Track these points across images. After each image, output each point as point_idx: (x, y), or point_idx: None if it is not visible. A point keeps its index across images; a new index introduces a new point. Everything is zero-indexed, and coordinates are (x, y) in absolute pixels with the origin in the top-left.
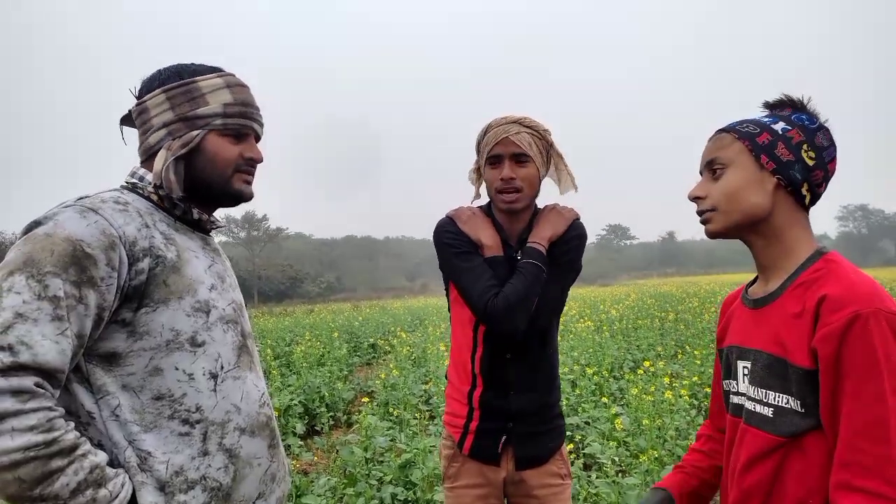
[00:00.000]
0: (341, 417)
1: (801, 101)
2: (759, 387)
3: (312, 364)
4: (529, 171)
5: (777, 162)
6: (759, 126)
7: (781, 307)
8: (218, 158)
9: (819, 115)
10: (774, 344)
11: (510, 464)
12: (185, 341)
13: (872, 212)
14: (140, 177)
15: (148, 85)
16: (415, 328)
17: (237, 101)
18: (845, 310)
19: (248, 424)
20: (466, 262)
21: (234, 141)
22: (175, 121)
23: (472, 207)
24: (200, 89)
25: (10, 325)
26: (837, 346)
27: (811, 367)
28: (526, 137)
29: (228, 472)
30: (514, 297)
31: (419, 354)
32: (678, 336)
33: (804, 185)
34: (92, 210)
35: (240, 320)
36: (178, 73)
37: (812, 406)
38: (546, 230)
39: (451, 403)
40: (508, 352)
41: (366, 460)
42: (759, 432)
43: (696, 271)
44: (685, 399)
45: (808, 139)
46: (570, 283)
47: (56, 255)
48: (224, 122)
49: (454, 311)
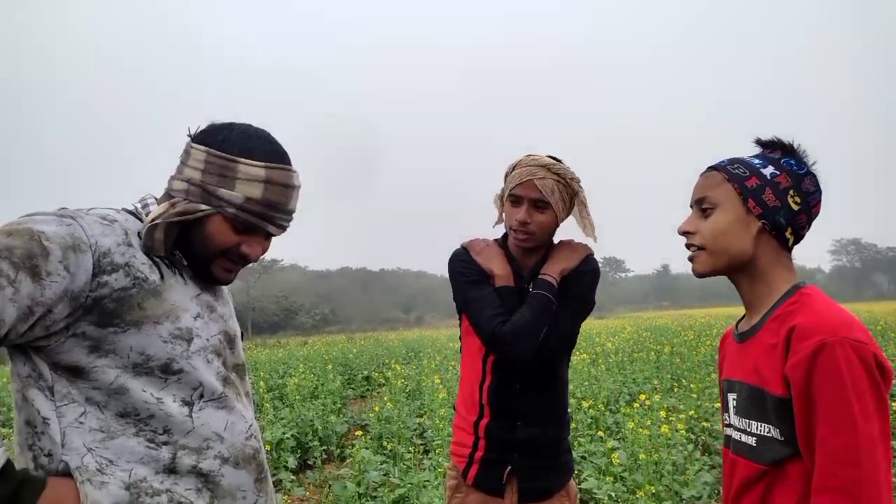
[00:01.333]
0: (334, 451)
1: (792, 145)
2: (743, 416)
3: (305, 397)
4: (547, 218)
5: (763, 207)
6: (748, 169)
7: (760, 340)
8: (211, 241)
9: (808, 160)
10: (754, 374)
11: (514, 496)
12: (156, 367)
13: (865, 246)
14: (145, 203)
15: (204, 135)
16: (410, 360)
17: (263, 201)
18: (812, 338)
19: (231, 455)
20: (477, 291)
21: (238, 231)
22: (198, 184)
23: (486, 239)
24: (237, 172)
25: None
26: (806, 372)
27: (785, 394)
28: (549, 184)
29: (202, 496)
30: (521, 325)
31: (414, 387)
32: (674, 369)
33: (788, 229)
34: (70, 217)
35: (224, 352)
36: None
37: (790, 434)
38: (559, 264)
39: (457, 433)
40: (517, 382)
41: (359, 495)
42: (745, 461)
43: (691, 304)
44: (682, 433)
45: (794, 185)
46: (581, 317)
47: (12, 237)
48: (235, 214)
49: (465, 343)
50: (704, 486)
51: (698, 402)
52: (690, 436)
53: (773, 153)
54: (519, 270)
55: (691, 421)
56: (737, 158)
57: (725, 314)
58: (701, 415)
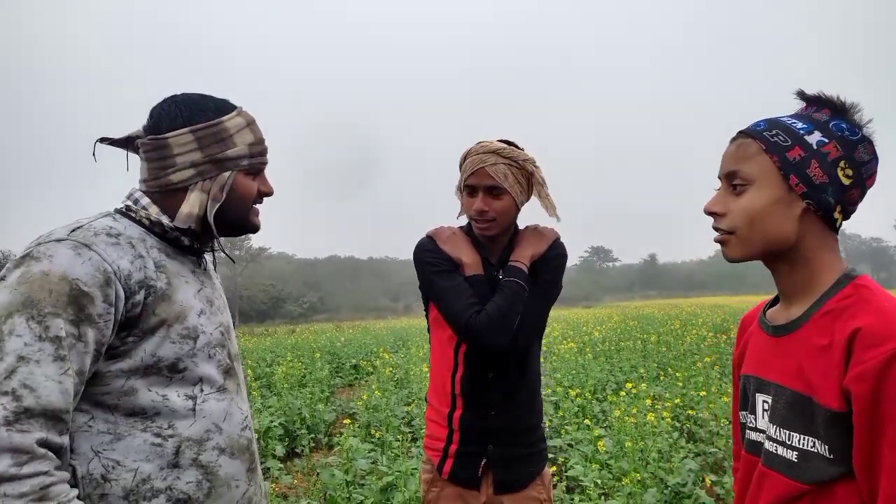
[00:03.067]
0: (322, 439)
1: (844, 103)
2: (781, 426)
3: (293, 385)
4: (504, 204)
5: (809, 185)
6: (790, 136)
7: (806, 337)
8: (244, 197)
9: (862, 122)
10: (798, 379)
11: (490, 488)
12: (164, 367)
13: (849, 236)
14: (136, 199)
15: (168, 121)
16: (398, 349)
17: (258, 140)
18: (884, 346)
19: (228, 445)
20: (447, 281)
21: (253, 177)
22: (205, 161)
23: (452, 227)
24: (228, 130)
25: (14, 369)
26: (875, 386)
27: (842, 408)
28: (502, 169)
29: (201, 488)
30: (496, 314)
31: (402, 376)
32: (660, 358)
33: (837, 208)
34: (85, 246)
35: (227, 343)
36: (199, 109)
37: (841, 451)
38: (527, 249)
39: (430, 426)
40: (490, 371)
41: (346, 483)
42: (780, 477)
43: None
44: (667, 421)
45: (846, 154)
46: (551, 302)
47: (54, 294)
48: (250, 163)
49: (434, 332)
50: (689, 473)
51: (684, 390)
52: (676, 424)
53: (820, 113)
54: (487, 257)
55: (677, 409)
56: (776, 121)
57: (711, 303)
58: (686, 403)
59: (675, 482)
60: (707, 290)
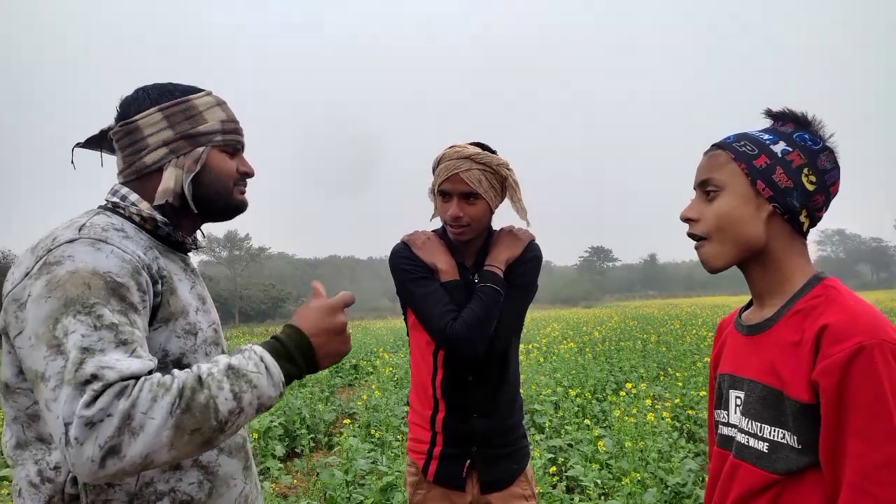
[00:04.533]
0: (322, 439)
1: (806, 116)
2: (753, 419)
3: (293, 385)
4: (479, 209)
5: (774, 188)
6: (757, 146)
7: (777, 335)
8: (222, 174)
9: (824, 133)
10: (769, 374)
11: (475, 488)
12: (171, 362)
13: (850, 236)
14: (123, 196)
15: (136, 105)
16: (397, 349)
17: (230, 118)
18: (849, 341)
19: (226, 444)
20: (423, 288)
21: (230, 156)
22: (177, 138)
23: (426, 232)
24: (197, 107)
25: (82, 360)
26: (840, 378)
27: (810, 400)
28: (476, 175)
29: (203, 488)
30: (472, 321)
31: (402, 375)
32: (660, 358)
33: (803, 212)
34: (101, 241)
35: (220, 341)
36: (167, 91)
37: (809, 442)
38: (502, 253)
39: (414, 429)
40: (469, 374)
41: (346, 483)
42: (751, 468)
43: (677, 293)
44: (667, 421)
45: (809, 162)
46: (527, 303)
47: (94, 288)
48: (224, 139)
49: (412, 336)
50: (689, 473)
51: (684, 390)
52: (676, 424)
53: (785, 126)
54: (462, 261)
55: (677, 409)
56: (744, 134)
57: (711, 303)
58: (686, 403)
59: (675, 482)
60: (707, 290)
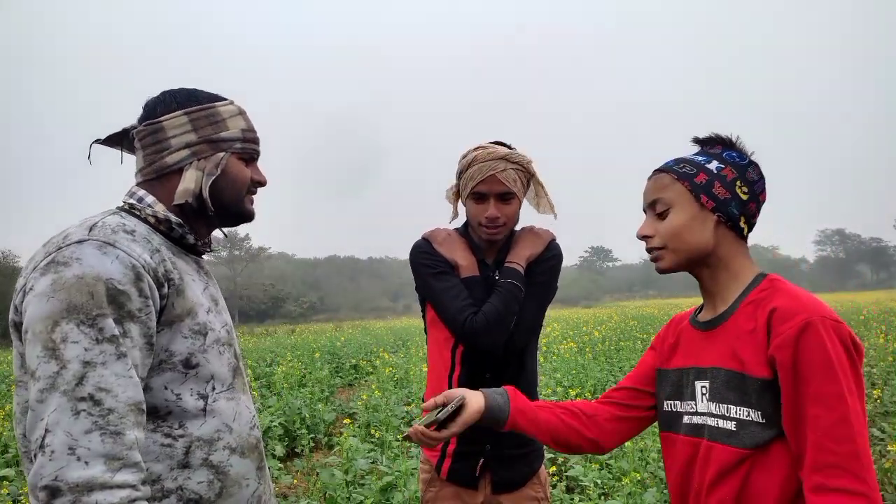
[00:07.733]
0: (322, 439)
1: (730, 138)
2: (720, 402)
3: (293, 385)
4: (514, 208)
5: (716, 200)
6: (694, 166)
7: (735, 325)
8: (237, 180)
9: (747, 152)
10: (731, 360)
11: (487, 488)
12: (179, 363)
13: (849, 236)
14: (139, 198)
15: (162, 106)
16: (397, 349)
17: (250, 128)
18: (796, 318)
19: (238, 444)
20: (443, 283)
21: (246, 164)
22: (199, 142)
23: (447, 229)
24: (221, 114)
25: (83, 375)
26: (793, 351)
27: (769, 376)
28: (512, 174)
29: (212, 488)
30: (492, 315)
31: (402, 375)
32: None
33: (741, 218)
34: (109, 244)
35: (232, 342)
36: (193, 96)
37: (773, 416)
38: (524, 250)
39: None
40: (487, 371)
41: (346, 483)
42: (724, 447)
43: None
44: None
45: (740, 175)
46: (546, 302)
47: (96, 296)
48: (243, 147)
49: (431, 333)
50: None
51: None
52: None
53: (714, 149)
54: (482, 259)
55: None
56: (681, 158)
57: None
58: None
59: None
60: None
